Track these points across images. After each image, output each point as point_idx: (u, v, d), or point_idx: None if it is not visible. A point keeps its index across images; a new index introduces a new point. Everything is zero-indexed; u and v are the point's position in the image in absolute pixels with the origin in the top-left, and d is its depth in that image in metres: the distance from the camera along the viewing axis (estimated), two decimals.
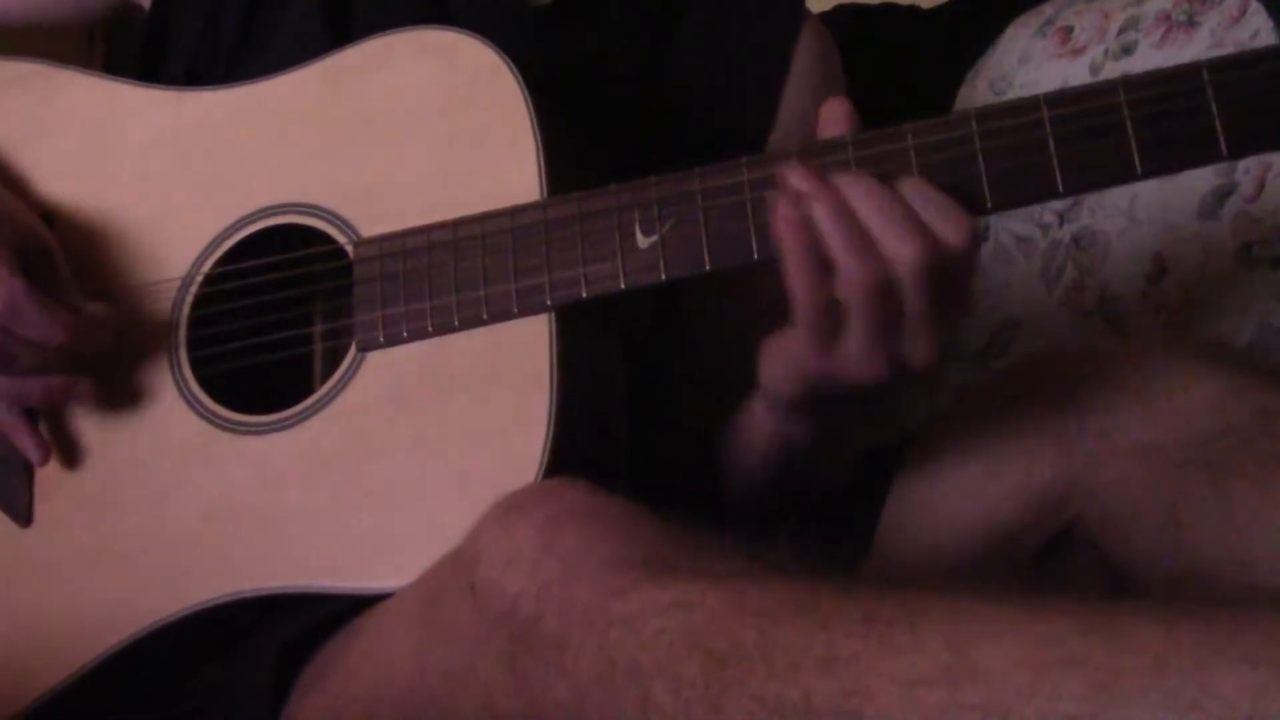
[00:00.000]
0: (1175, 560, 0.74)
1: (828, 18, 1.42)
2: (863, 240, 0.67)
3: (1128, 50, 1.17)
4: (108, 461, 0.85)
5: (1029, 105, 0.70)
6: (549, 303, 0.76)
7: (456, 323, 0.78)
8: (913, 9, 1.48)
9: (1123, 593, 0.79)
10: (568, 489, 0.64)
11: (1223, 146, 0.67)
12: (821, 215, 0.67)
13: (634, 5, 0.98)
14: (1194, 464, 0.74)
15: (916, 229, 0.67)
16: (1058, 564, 0.83)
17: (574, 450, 0.75)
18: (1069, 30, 1.26)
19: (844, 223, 0.67)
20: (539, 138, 0.79)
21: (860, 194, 0.68)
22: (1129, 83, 0.69)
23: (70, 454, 0.86)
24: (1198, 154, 0.68)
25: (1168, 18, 1.14)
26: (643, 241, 0.75)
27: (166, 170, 0.89)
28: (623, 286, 0.75)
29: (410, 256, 0.79)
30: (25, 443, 0.84)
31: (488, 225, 0.78)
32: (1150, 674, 0.43)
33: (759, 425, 0.84)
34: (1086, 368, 0.81)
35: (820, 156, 0.71)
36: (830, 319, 0.69)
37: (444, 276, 0.78)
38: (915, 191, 0.68)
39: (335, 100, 0.85)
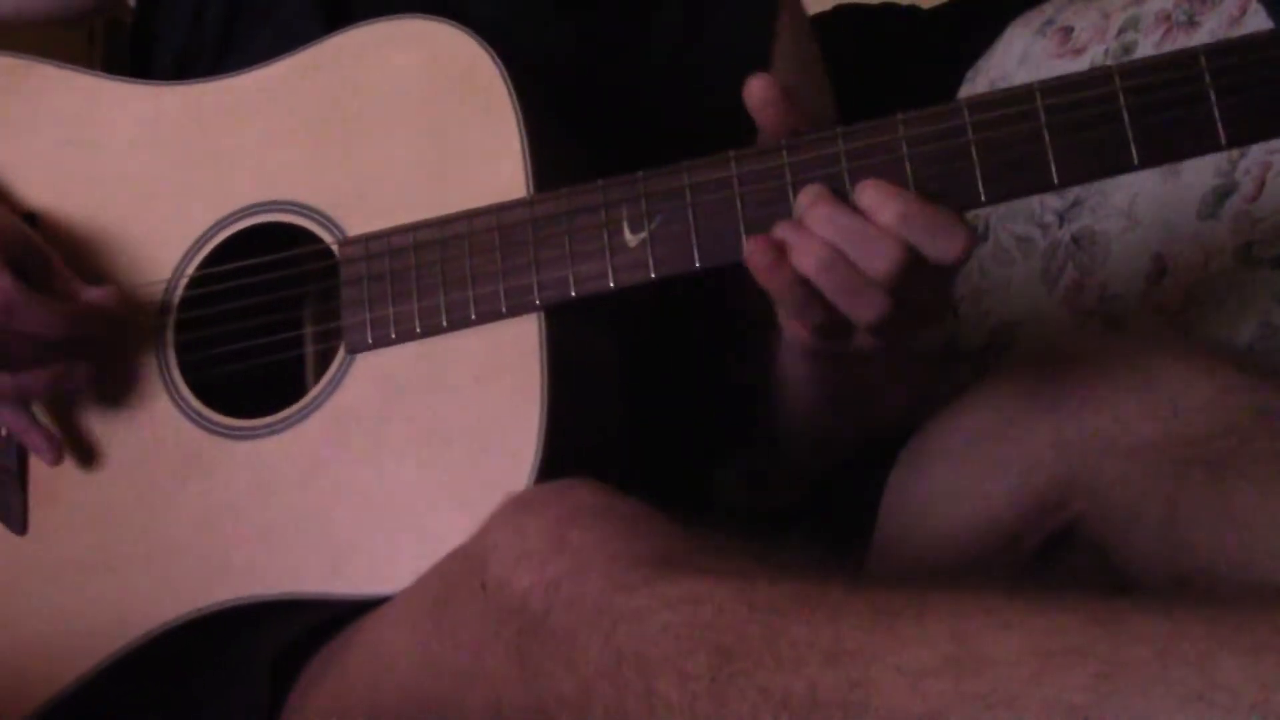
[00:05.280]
0: (1175, 559, 0.74)
1: (827, 18, 1.42)
2: (851, 283, 0.68)
3: (1127, 50, 1.17)
4: (101, 468, 0.84)
5: (1023, 94, 0.68)
6: (537, 302, 0.75)
7: (445, 324, 0.77)
8: (913, 9, 1.48)
9: (1123, 591, 0.79)
10: (578, 488, 0.65)
11: (1221, 135, 0.66)
12: (809, 269, 0.68)
13: None
14: (1194, 462, 0.74)
15: (896, 249, 0.67)
16: (1057, 563, 0.83)
17: (568, 448, 0.74)
18: (1069, 30, 1.27)
19: (830, 274, 0.68)
20: (523, 130, 0.78)
21: (841, 230, 0.68)
22: (1125, 70, 0.67)
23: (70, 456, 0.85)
24: (1196, 143, 0.67)
25: (1168, 18, 1.14)
26: (631, 239, 0.74)
27: (148, 168, 0.88)
28: (612, 286, 0.74)
29: (396, 256, 0.79)
30: (37, 443, 0.83)
31: (475, 223, 0.77)
32: (1155, 664, 0.43)
33: (793, 375, 0.84)
34: (1085, 366, 0.81)
35: (809, 149, 0.71)
36: (835, 331, 0.71)
37: (431, 276, 0.78)
38: (909, 209, 0.68)
39: (315, 93, 0.84)
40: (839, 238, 0.67)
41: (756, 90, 0.71)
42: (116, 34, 1.95)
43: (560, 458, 0.74)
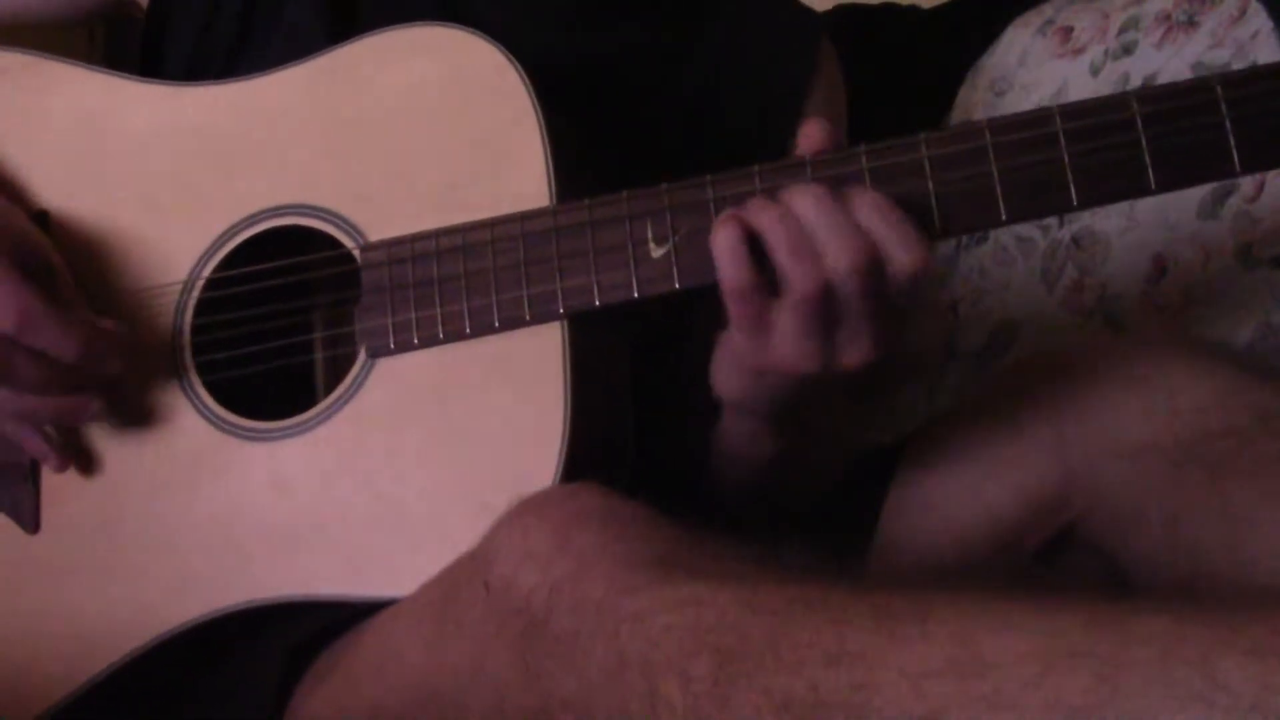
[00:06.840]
0: (1175, 559, 0.75)
1: (827, 18, 1.42)
2: (804, 246, 0.68)
3: (1128, 50, 1.17)
4: (116, 468, 0.84)
5: (1043, 117, 0.70)
6: (561, 310, 0.75)
7: (468, 330, 0.77)
8: (913, 9, 1.48)
9: (1124, 592, 0.79)
10: (584, 492, 0.65)
11: (1236, 162, 0.67)
12: (765, 222, 0.68)
13: (658, 5, 0.98)
14: (1194, 464, 0.74)
15: (860, 243, 0.67)
16: (1058, 563, 0.83)
17: (587, 453, 0.74)
18: (1069, 30, 1.27)
19: (785, 227, 0.68)
20: (547, 140, 0.78)
21: (807, 204, 0.69)
22: (1142, 96, 0.69)
23: (78, 461, 0.85)
24: (1211, 169, 0.68)
25: (1168, 18, 1.14)
26: (655, 251, 0.74)
27: (165, 168, 0.87)
28: (636, 296, 0.74)
29: (419, 262, 0.79)
30: (41, 452, 0.83)
31: (497, 231, 0.77)
32: (1155, 666, 0.43)
33: (733, 435, 0.84)
34: (1086, 367, 0.81)
35: (833, 167, 0.71)
36: (759, 311, 0.70)
37: (454, 283, 0.78)
38: (873, 207, 0.68)
39: (336, 98, 0.84)
40: (809, 213, 0.68)
41: (815, 135, 0.72)
42: (117, 35, 1.95)
43: (580, 463, 0.73)
